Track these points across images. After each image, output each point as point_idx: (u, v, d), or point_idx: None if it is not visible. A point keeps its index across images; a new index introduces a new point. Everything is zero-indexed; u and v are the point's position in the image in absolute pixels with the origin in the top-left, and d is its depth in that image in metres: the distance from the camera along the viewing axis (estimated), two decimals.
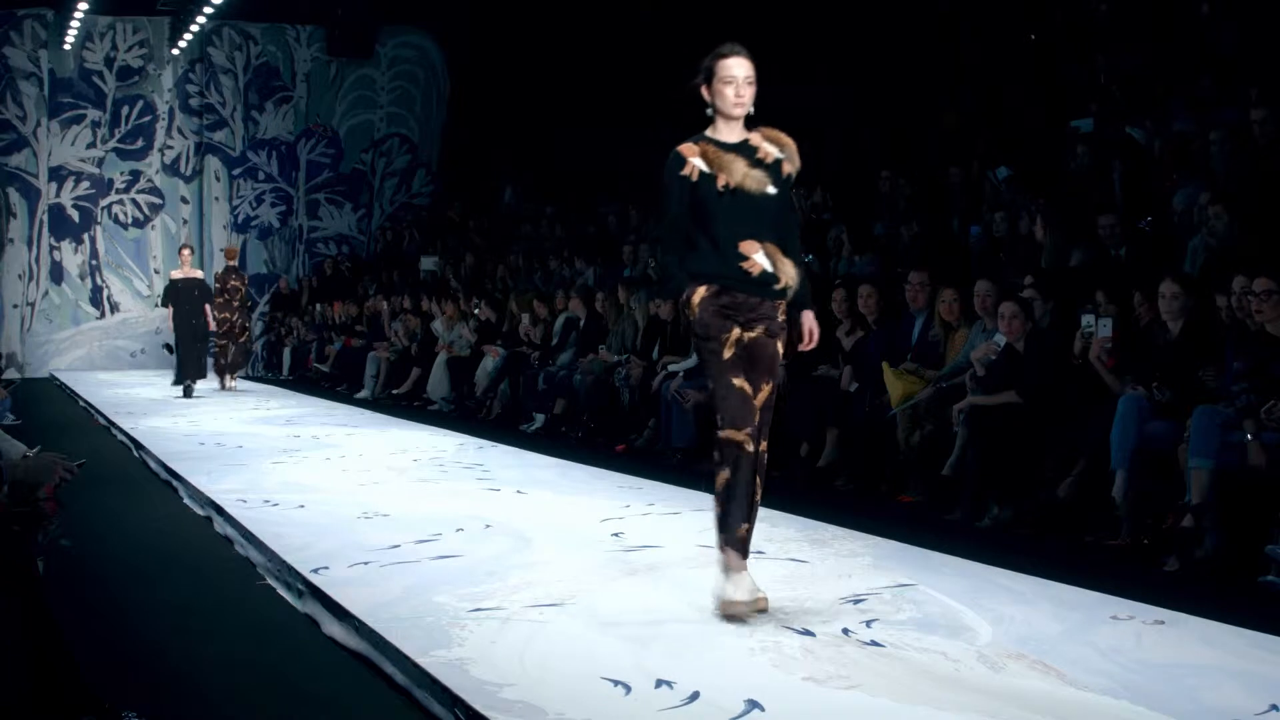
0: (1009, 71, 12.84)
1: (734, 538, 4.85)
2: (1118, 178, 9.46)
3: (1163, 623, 4.88)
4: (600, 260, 14.63)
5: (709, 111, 5.00)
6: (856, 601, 5.16)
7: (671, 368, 10.42)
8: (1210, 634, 4.75)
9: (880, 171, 11.81)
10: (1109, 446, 6.51)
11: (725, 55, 4.95)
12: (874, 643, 4.55)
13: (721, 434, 4.87)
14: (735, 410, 4.86)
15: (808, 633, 4.67)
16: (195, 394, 16.10)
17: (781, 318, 4.99)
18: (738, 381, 4.88)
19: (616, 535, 6.67)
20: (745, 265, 4.88)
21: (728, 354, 4.89)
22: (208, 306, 16.67)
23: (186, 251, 17.03)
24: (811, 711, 3.86)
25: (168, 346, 18.69)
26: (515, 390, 13.14)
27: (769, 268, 4.90)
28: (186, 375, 16.26)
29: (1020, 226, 9.50)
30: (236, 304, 17.23)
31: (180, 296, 16.37)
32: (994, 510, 7.18)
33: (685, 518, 7.20)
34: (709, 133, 5.01)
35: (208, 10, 20.01)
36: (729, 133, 4.99)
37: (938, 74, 13.61)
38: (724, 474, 4.85)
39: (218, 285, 17.41)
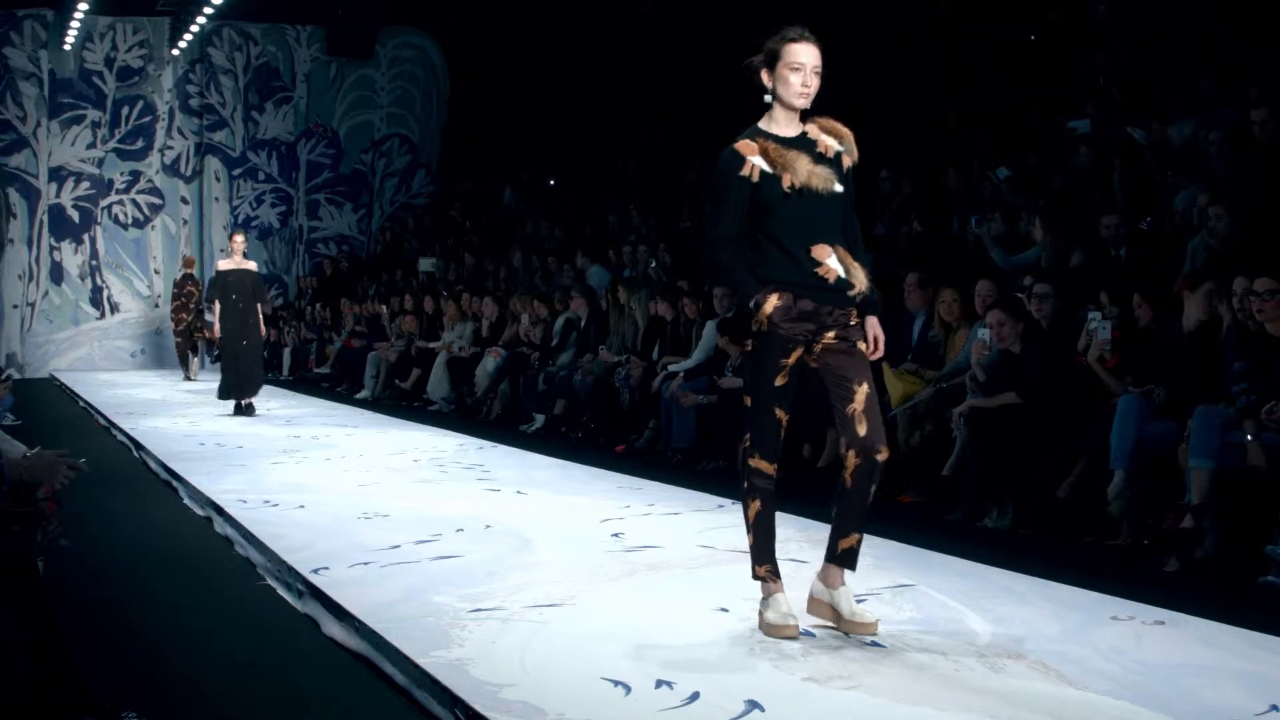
0: (1009, 71, 12.83)
1: (770, 565, 4.74)
2: (1118, 178, 9.46)
3: (1163, 623, 4.88)
4: (600, 260, 14.63)
5: (767, 98, 4.67)
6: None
7: (671, 368, 10.43)
8: (1210, 634, 4.75)
9: (880, 171, 11.80)
10: (1109, 446, 6.51)
11: (793, 40, 4.60)
12: (874, 643, 4.55)
13: (751, 462, 4.70)
14: (768, 440, 4.68)
15: (808, 633, 4.67)
16: (257, 411, 13.76)
17: (855, 323, 4.71)
18: (779, 412, 4.67)
19: (616, 535, 6.67)
20: (820, 271, 4.60)
21: (780, 381, 4.64)
22: (260, 307, 13.93)
23: (239, 238, 14.14)
24: (811, 711, 3.86)
25: (218, 355, 15.38)
26: (515, 390, 13.14)
27: (843, 273, 4.64)
28: (236, 391, 13.71)
29: (1020, 227, 9.50)
30: (193, 306, 20.07)
31: (229, 292, 13.66)
32: (994, 511, 7.17)
33: (685, 518, 7.21)
34: (764, 125, 4.68)
35: (208, 11, 19.98)
36: (787, 125, 4.67)
37: (938, 74, 13.60)
38: (755, 505, 4.72)
39: (175, 290, 20.53)
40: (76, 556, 5.46)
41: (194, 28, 21.12)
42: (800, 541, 6.43)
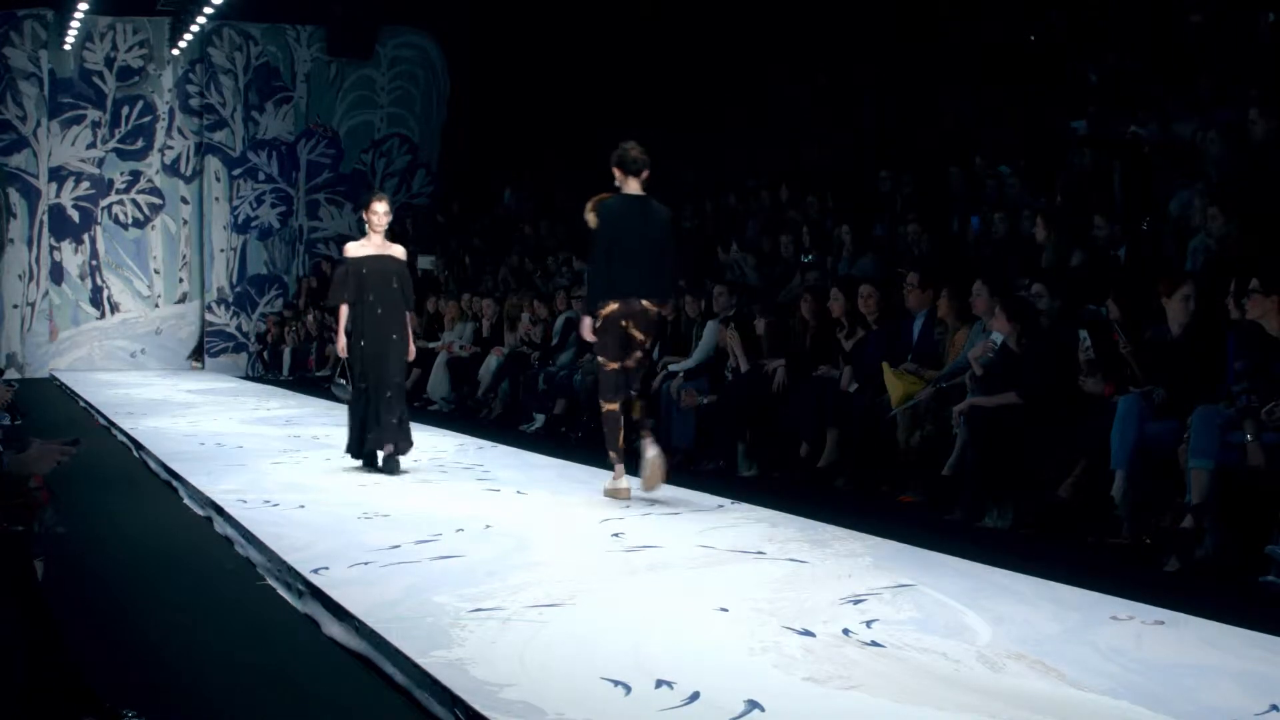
0: (1009, 71, 12.83)
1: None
2: (1117, 178, 9.45)
3: (1163, 623, 4.88)
4: None
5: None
6: (856, 601, 5.15)
7: (672, 368, 10.42)
8: (1210, 634, 4.75)
9: (880, 171, 11.80)
10: (1109, 446, 6.50)
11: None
12: (874, 643, 4.55)
13: None
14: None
15: (808, 633, 4.67)
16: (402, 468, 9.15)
17: None
18: None
19: (616, 535, 6.67)
20: None
21: None
22: (412, 317, 9.57)
23: (380, 206, 9.14)
24: (811, 711, 3.86)
25: (339, 377, 9.75)
26: (515, 390, 13.13)
27: None
28: (375, 438, 9.09)
29: (1021, 227, 9.50)
30: None
31: (363, 290, 9.07)
32: (994, 511, 7.17)
33: (685, 518, 7.20)
34: None
35: (208, 10, 19.98)
36: None
37: (938, 74, 13.61)
38: None
39: None
40: (77, 556, 5.47)
41: (194, 28, 21.11)
42: (800, 541, 6.44)
